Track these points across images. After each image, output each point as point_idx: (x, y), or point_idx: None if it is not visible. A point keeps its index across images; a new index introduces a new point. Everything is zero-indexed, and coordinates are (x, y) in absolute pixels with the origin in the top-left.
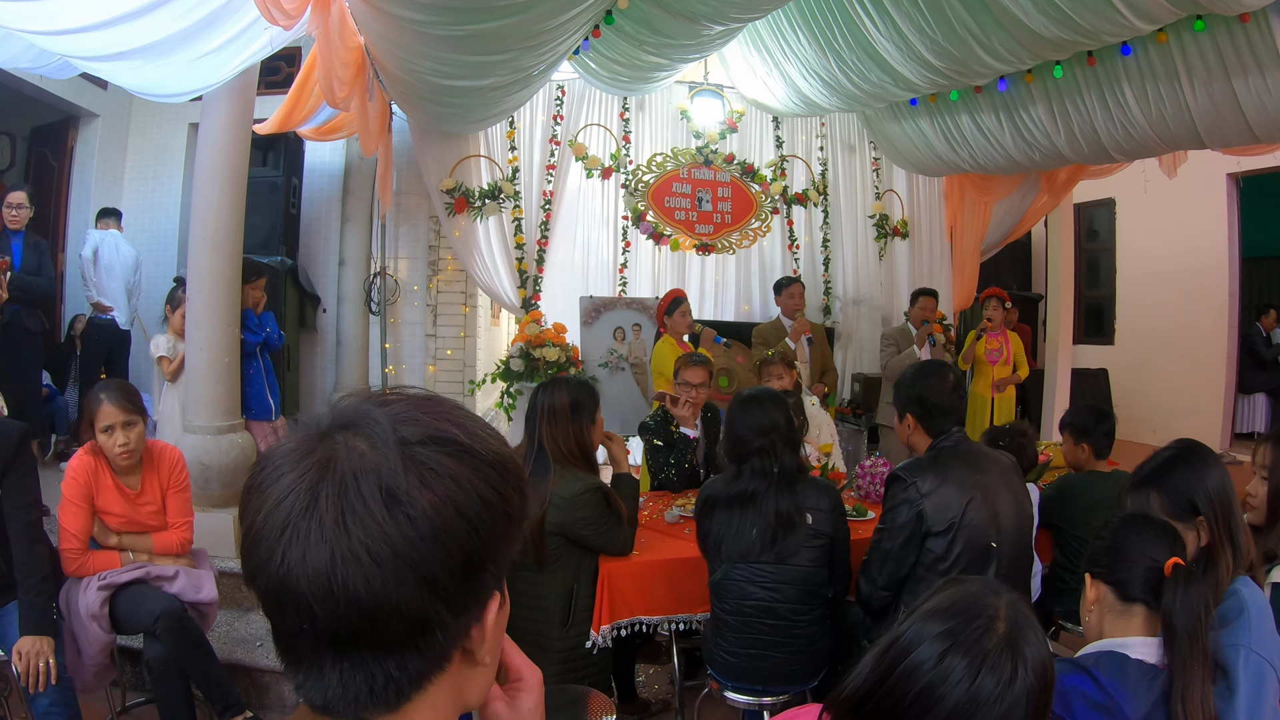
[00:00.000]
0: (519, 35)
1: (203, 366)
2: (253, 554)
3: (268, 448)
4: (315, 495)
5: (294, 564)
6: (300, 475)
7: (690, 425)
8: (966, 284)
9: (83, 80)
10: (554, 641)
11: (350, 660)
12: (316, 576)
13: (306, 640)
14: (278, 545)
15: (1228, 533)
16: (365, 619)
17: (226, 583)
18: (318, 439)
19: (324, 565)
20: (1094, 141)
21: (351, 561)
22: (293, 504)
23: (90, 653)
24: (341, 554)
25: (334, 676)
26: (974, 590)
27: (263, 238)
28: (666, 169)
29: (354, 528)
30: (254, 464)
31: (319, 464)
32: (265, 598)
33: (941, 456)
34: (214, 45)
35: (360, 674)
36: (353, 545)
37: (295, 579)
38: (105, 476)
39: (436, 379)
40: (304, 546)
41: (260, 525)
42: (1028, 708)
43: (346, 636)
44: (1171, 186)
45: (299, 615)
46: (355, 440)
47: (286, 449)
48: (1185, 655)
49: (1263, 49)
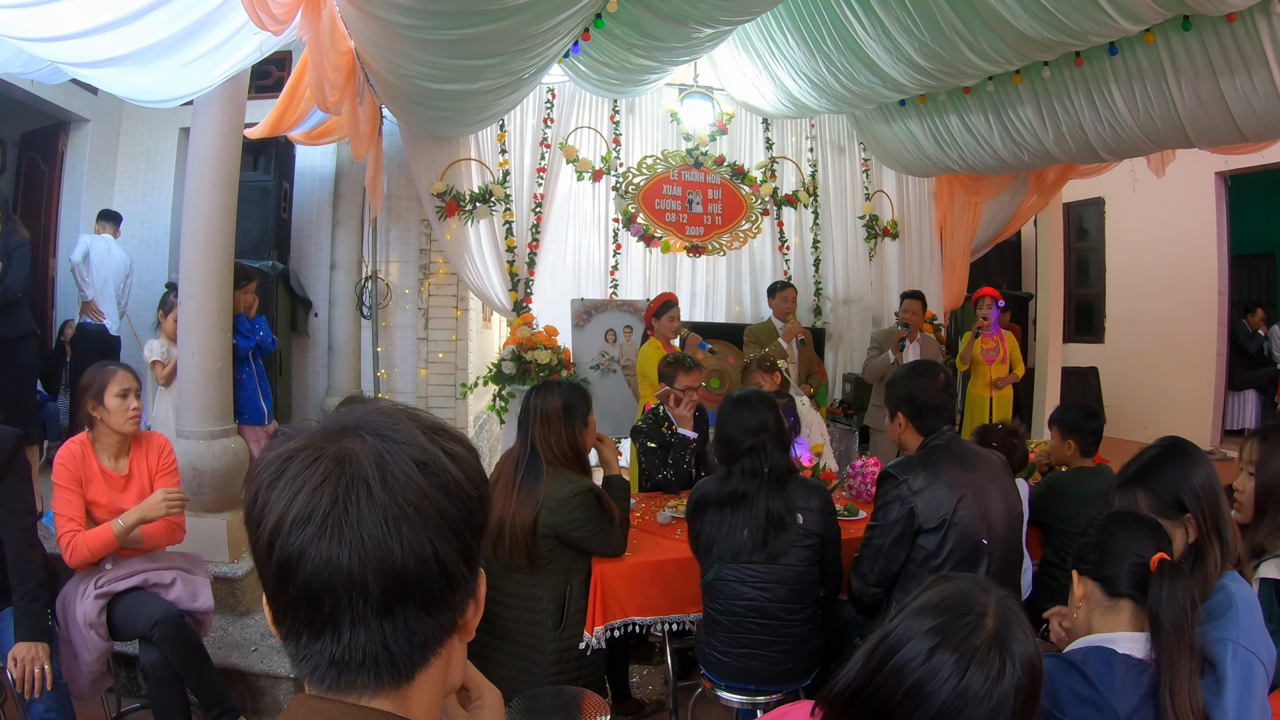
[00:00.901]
0: (509, 39)
1: (195, 371)
2: (286, 543)
3: (270, 450)
4: (352, 477)
5: (348, 539)
6: (326, 470)
7: (688, 426)
8: (956, 284)
9: (73, 85)
10: (548, 643)
11: (392, 618)
12: (371, 540)
13: (350, 610)
14: (323, 528)
15: (1215, 529)
16: (416, 570)
17: (220, 587)
18: (327, 439)
19: (378, 529)
20: (1082, 141)
21: (403, 519)
22: (332, 489)
23: (87, 660)
24: (394, 514)
25: (362, 635)
26: (963, 587)
27: (254, 242)
28: (657, 171)
29: (398, 491)
30: (262, 465)
31: (336, 457)
32: (301, 580)
33: (933, 455)
34: (203, 50)
35: (399, 629)
36: (401, 505)
37: (342, 554)
38: (92, 464)
39: (428, 382)
40: (356, 520)
41: (291, 514)
42: (1016, 704)
43: (396, 595)
44: (1160, 185)
45: (348, 587)
46: (371, 435)
47: (296, 447)
48: (1172, 649)
49: (1249, 48)
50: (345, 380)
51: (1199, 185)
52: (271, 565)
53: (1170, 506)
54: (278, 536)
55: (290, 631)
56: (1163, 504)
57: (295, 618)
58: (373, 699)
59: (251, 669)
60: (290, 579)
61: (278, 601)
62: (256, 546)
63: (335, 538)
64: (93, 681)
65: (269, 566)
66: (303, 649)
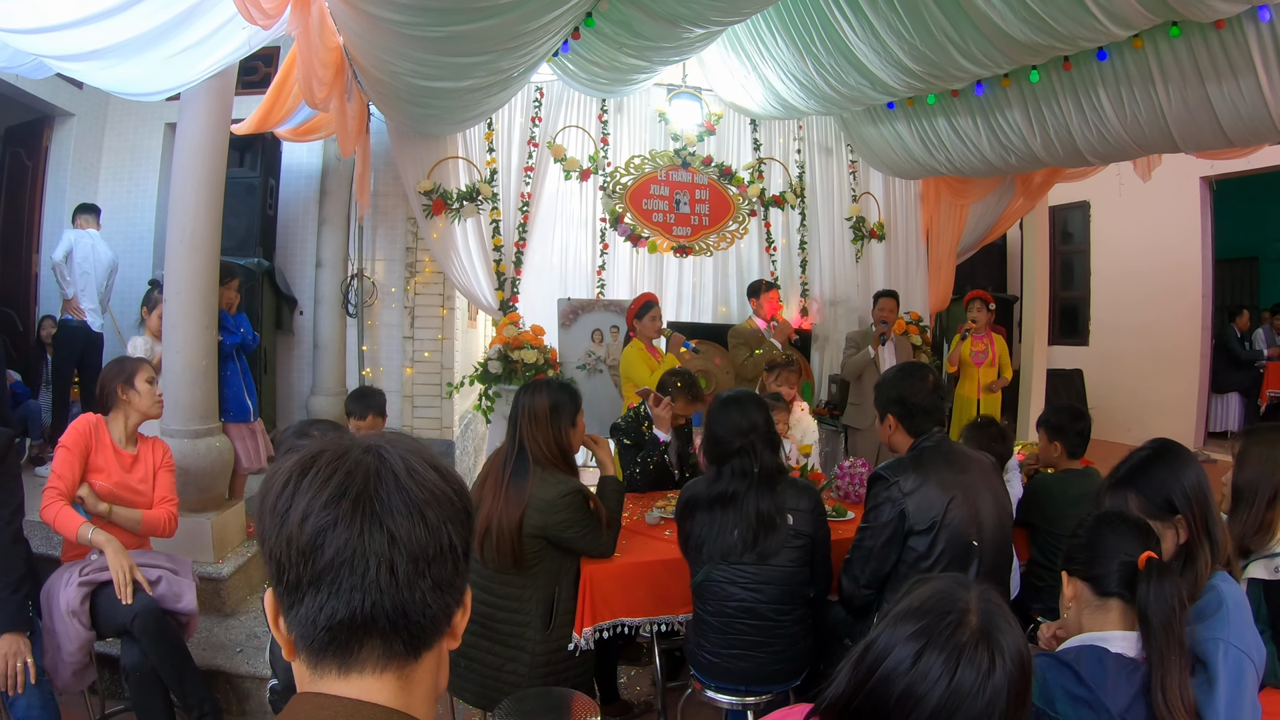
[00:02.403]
0: (499, 37)
1: (179, 369)
2: (319, 522)
3: (288, 457)
4: (379, 469)
5: (380, 519)
6: (355, 462)
7: (665, 429)
8: (942, 286)
9: (58, 79)
10: (536, 644)
11: (411, 590)
12: (400, 520)
13: (377, 579)
14: (357, 505)
15: (1205, 529)
16: (435, 551)
17: (205, 588)
18: (346, 444)
19: (405, 511)
20: (1069, 145)
21: (425, 505)
22: (363, 477)
23: (69, 649)
24: (418, 499)
25: (387, 601)
26: (942, 587)
27: (239, 239)
28: (644, 171)
29: (419, 482)
30: (284, 465)
31: (361, 456)
32: (329, 553)
33: (923, 456)
34: (190, 43)
35: (415, 600)
36: (422, 493)
37: (374, 532)
38: (105, 435)
39: (414, 381)
40: (387, 500)
41: (324, 496)
42: (1009, 695)
43: (420, 571)
44: (1146, 189)
45: (378, 561)
46: (386, 444)
47: (318, 449)
48: (1162, 646)
49: (1236, 54)
50: (330, 379)
51: (1184, 189)
52: (300, 543)
53: (1161, 508)
54: (309, 518)
55: (306, 598)
56: (1153, 505)
57: (317, 589)
58: (380, 674)
59: (237, 670)
60: (318, 551)
61: (299, 575)
62: (280, 531)
63: (368, 516)
64: (75, 674)
65: (298, 543)
66: (320, 607)
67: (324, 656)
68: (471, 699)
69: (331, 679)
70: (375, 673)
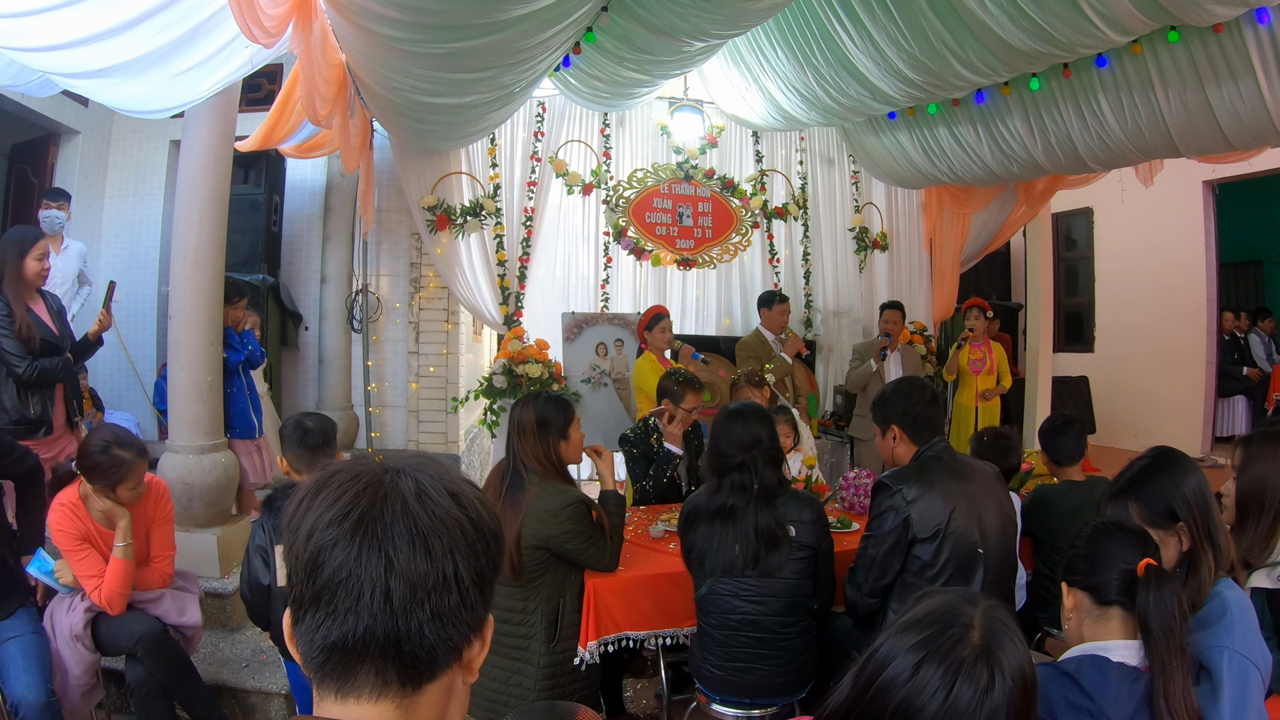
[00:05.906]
0: (500, 53)
1: (184, 385)
2: (321, 539)
3: (311, 479)
4: (389, 492)
5: (378, 542)
6: (365, 483)
7: (677, 443)
8: (946, 295)
9: (64, 97)
10: (541, 657)
11: (407, 619)
12: (399, 547)
13: (370, 604)
14: (357, 526)
15: (1208, 536)
16: (436, 583)
17: (211, 604)
18: (368, 466)
19: (407, 538)
20: (1071, 152)
21: (431, 534)
22: (370, 498)
23: (75, 672)
24: (424, 527)
25: (379, 627)
26: (949, 600)
27: (244, 255)
28: (647, 185)
29: (430, 509)
30: (306, 484)
31: (375, 477)
32: (327, 572)
33: (926, 465)
34: (194, 61)
35: (411, 630)
36: (430, 521)
37: (371, 555)
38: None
39: (419, 396)
40: (389, 524)
41: (330, 515)
42: (1009, 714)
43: (417, 600)
44: (1148, 195)
45: (372, 586)
46: (409, 469)
47: (338, 469)
48: (1163, 653)
49: (1235, 58)
50: (336, 394)
51: (1187, 194)
52: (304, 559)
53: (1162, 516)
54: (312, 535)
55: (307, 615)
56: (1155, 514)
57: (317, 607)
58: (376, 701)
59: (242, 685)
60: (319, 570)
61: (303, 591)
62: (291, 548)
63: (367, 539)
64: (83, 695)
65: (302, 559)
66: (318, 626)
67: (323, 677)
68: (478, 713)
69: (330, 702)
70: (371, 699)
